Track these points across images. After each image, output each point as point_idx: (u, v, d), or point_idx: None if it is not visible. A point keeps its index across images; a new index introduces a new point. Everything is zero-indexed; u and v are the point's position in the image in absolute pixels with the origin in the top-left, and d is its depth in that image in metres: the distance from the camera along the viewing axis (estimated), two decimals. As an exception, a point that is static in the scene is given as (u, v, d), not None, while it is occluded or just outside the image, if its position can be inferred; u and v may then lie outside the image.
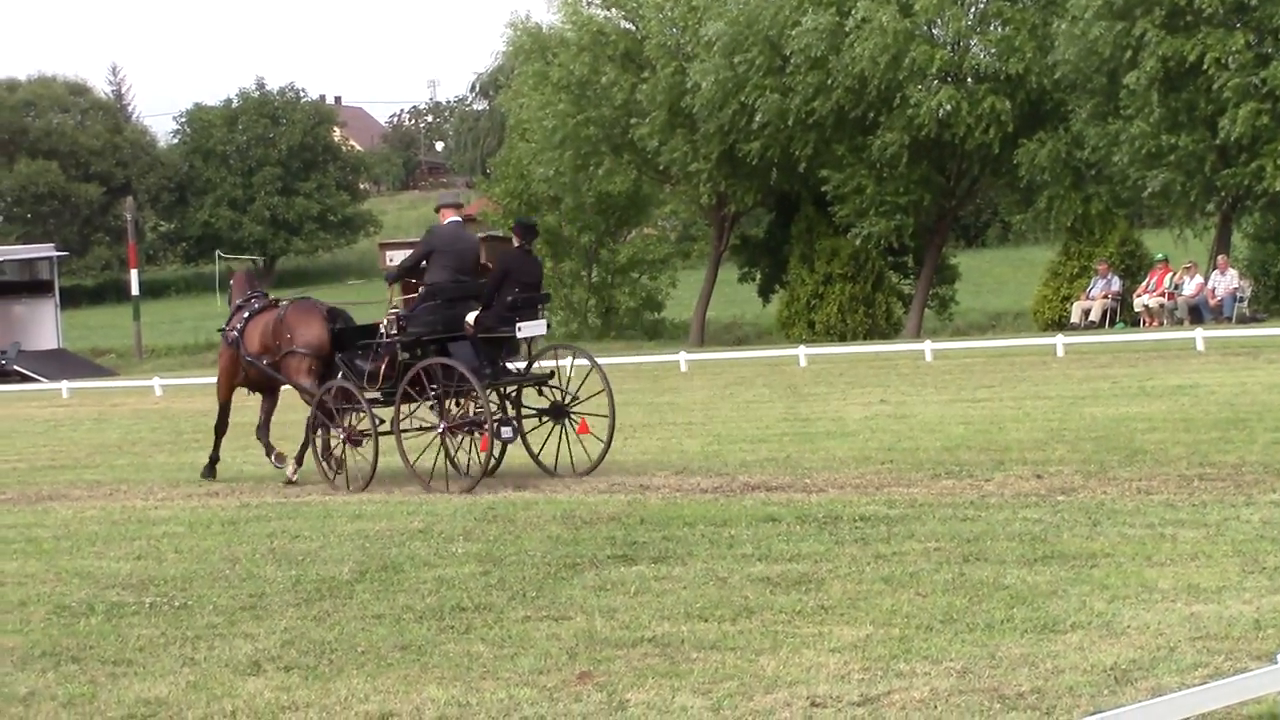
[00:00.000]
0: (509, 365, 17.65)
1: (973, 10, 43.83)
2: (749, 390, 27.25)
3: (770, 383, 28.56)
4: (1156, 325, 37.85)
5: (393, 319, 17.49)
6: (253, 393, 19.21)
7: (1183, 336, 32.01)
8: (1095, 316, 39.88)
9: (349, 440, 17.47)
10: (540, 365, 18.03)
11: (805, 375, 30.30)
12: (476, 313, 17.05)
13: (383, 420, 17.31)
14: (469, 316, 17.04)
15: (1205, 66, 37.66)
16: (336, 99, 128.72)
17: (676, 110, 45.29)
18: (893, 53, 41.09)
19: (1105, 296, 40.16)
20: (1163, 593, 9.79)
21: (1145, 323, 38.66)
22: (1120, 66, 38.91)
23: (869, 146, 43.15)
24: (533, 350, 17.96)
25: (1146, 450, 16.05)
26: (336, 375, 17.79)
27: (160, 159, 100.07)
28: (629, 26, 48.28)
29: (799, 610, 9.90)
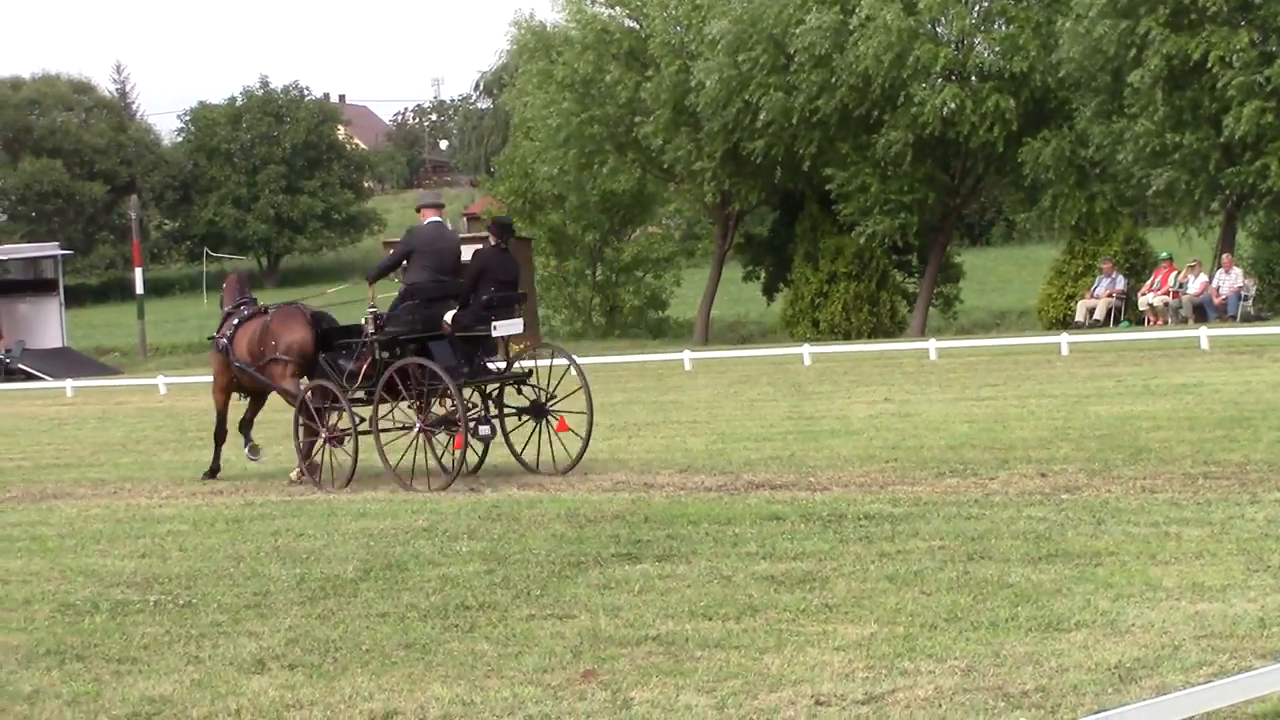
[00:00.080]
0: (489, 364, 17.79)
1: (977, 8, 43.83)
2: (753, 389, 27.23)
3: (775, 381, 28.55)
4: (1161, 324, 37.83)
5: (370, 317, 17.64)
6: (244, 397, 19.32)
7: (1187, 335, 31.96)
8: (1100, 315, 39.86)
9: (330, 440, 17.57)
10: (520, 364, 18.18)
11: (810, 374, 30.29)
12: (454, 312, 17.21)
13: (363, 419, 17.42)
14: (446, 316, 17.20)
15: (1210, 65, 37.66)
16: (341, 97, 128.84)
17: (681, 109, 45.29)
18: (897, 51, 41.10)
19: (1110, 295, 40.14)
20: (1167, 591, 9.78)
21: (1150, 321, 38.63)
22: (1125, 65, 38.91)
23: (873, 145, 43.16)
24: (509, 349, 18.10)
25: (1151, 449, 16.04)
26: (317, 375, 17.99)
27: (164, 157, 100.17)
28: (633, 25, 48.32)
29: (803, 608, 9.89)
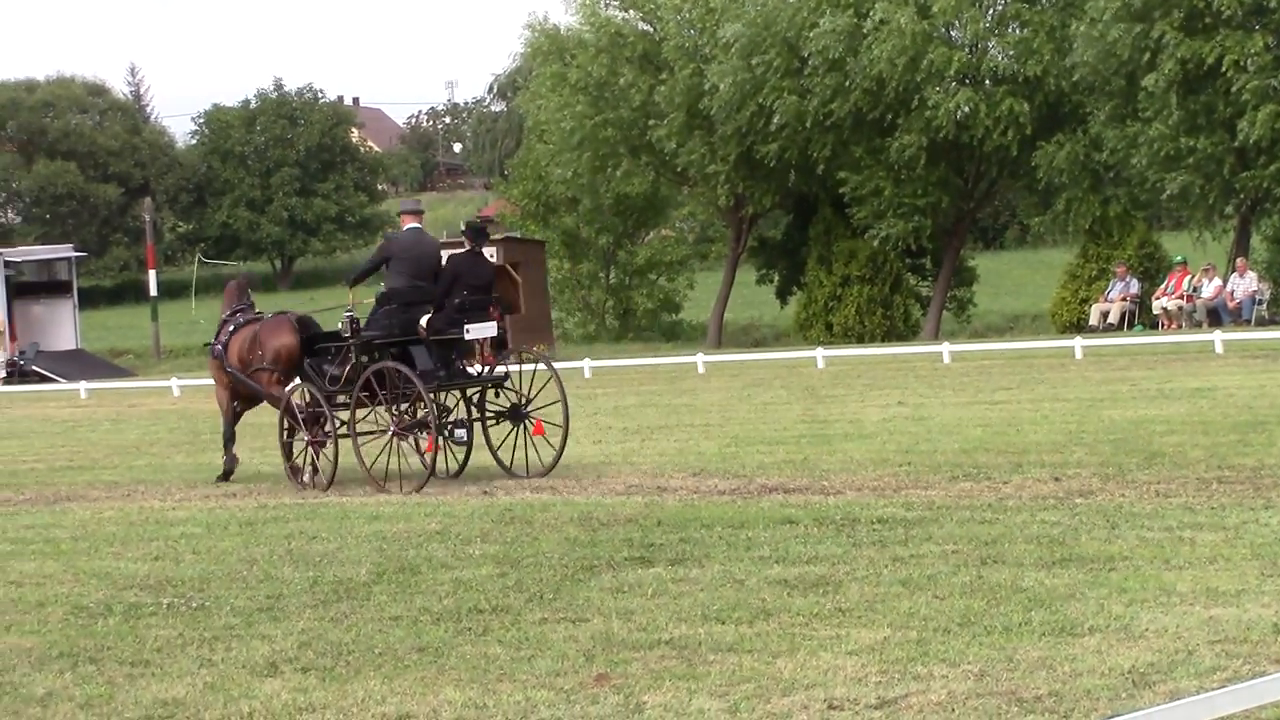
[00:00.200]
0: (466, 367, 18.07)
1: (991, 12, 43.79)
2: (766, 392, 27.23)
3: (788, 384, 28.54)
4: (1175, 328, 37.78)
5: (346, 321, 17.92)
6: (239, 401, 19.51)
7: (1201, 339, 31.92)
8: (1114, 319, 39.81)
9: (313, 443, 17.76)
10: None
11: (823, 377, 30.27)
12: (428, 316, 17.49)
13: (344, 423, 17.64)
14: (422, 320, 17.46)
15: (1224, 69, 37.61)
16: (354, 100, 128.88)
17: (694, 112, 45.27)
18: (911, 54, 41.07)
19: (1124, 299, 40.09)
20: (1181, 596, 9.76)
21: (1164, 325, 38.58)
22: (1139, 69, 38.85)
23: (887, 148, 43.13)
24: (485, 350, 18.35)
25: (1165, 453, 16.02)
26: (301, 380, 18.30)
27: (178, 160, 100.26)
28: (647, 28, 48.28)
29: (816, 613, 9.88)
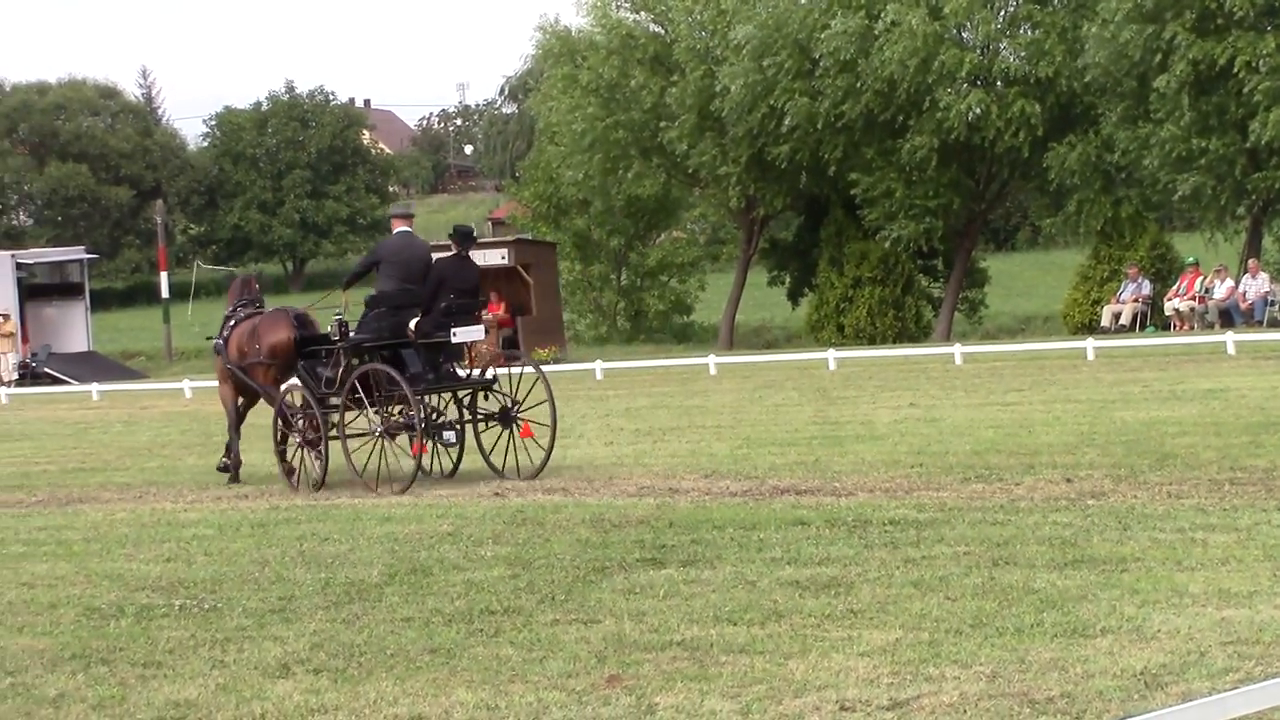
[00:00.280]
0: (456, 370, 18.26)
1: (1002, 13, 43.78)
2: (778, 393, 27.21)
3: (799, 386, 28.53)
4: (1187, 329, 37.74)
5: (335, 324, 18.08)
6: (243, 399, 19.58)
7: (1213, 340, 31.89)
8: (1125, 320, 39.76)
9: (305, 444, 17.88)
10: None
11: (834, 379, 30.24)
12: (417, 319, 17.66)
13: (335, 424, 17.80)
14: (411, 323, 17.62)
15: (1236, 70, 37.57)
16: (366, 102, 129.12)
17: (706, 113, 45.27)
18: (922, 56, 41.06)
19: (1135, 300, 40.04)
20: (1193, 597, 9.75)
21: (1176, 326, 38.55)
22: (1150, 70, 38.83)
23: (898, 150, 43.11)
24: (472, 353, 18.65)
25: (1177, 454, 15.99)
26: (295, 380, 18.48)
27: (190, 162, 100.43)
28: (658, 30, 48.31)
29: (828, 614, 9.88)
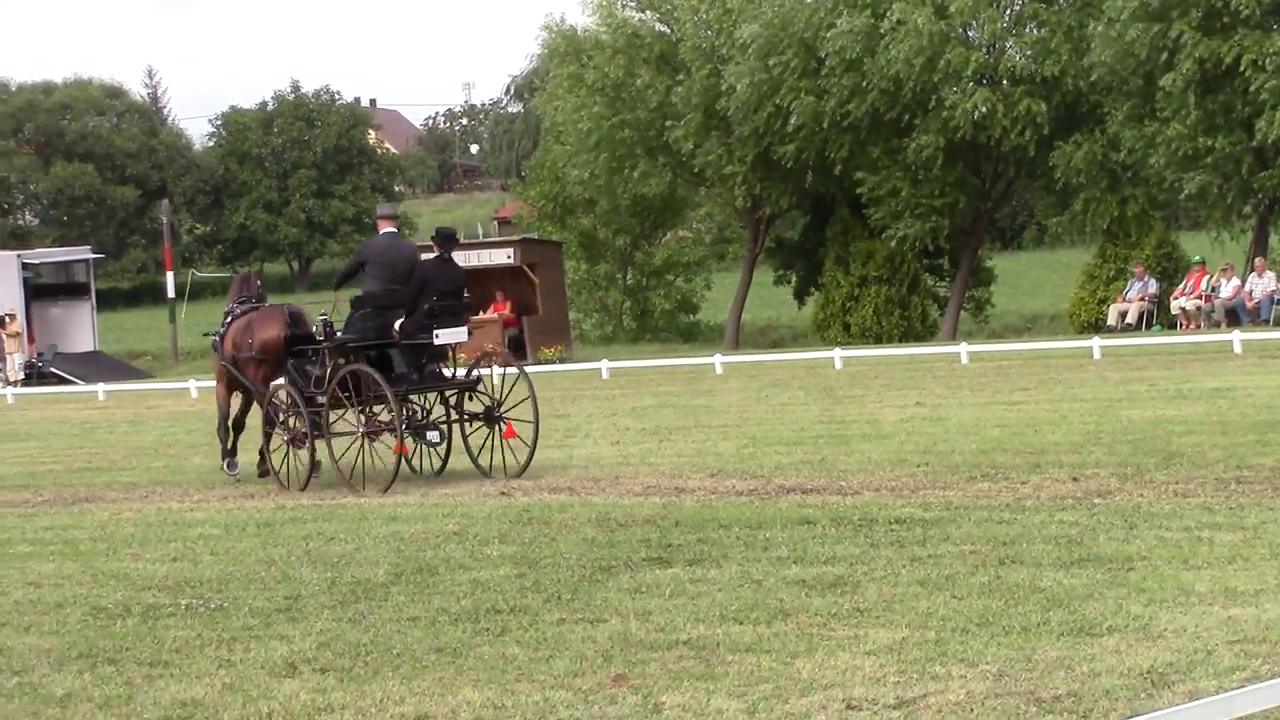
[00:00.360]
0: (441, 371, 18.40)
1: (1008, 12, 43.72)
2: (784, 393, 27.20)
3: (805, 385, 28.51)
4: (1193, 328, 37.69)
5: (320, 324, 18.25)
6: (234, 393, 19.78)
7: (1220, 339, 31.85)
8: (1132, 319, 39.73)
9: (293, 441, 17.96)
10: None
11: (840, 378, 30.22)
12: (401, 320, 17.78)
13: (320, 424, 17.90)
14: (396, 324, 17.73)
15: (1242, 68, 37.53)
16: (371, 101, 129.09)
17: (711, 113, 45.26)
18: (928, 55, 41.03)
19: (1142, 299, 40.01)
20: (1200, 596, 9.74)
21: (1182, 325, 38.50)
22: (1156, 68, 38.79)
23: (904, 149, 43.09)
24: (456, 355, 18.76)
25: (1183, 453, 15.98)
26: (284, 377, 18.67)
27: (196, 161, 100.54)
28: (664, 29, 48.29)
29: (834, 613, 9.88)
